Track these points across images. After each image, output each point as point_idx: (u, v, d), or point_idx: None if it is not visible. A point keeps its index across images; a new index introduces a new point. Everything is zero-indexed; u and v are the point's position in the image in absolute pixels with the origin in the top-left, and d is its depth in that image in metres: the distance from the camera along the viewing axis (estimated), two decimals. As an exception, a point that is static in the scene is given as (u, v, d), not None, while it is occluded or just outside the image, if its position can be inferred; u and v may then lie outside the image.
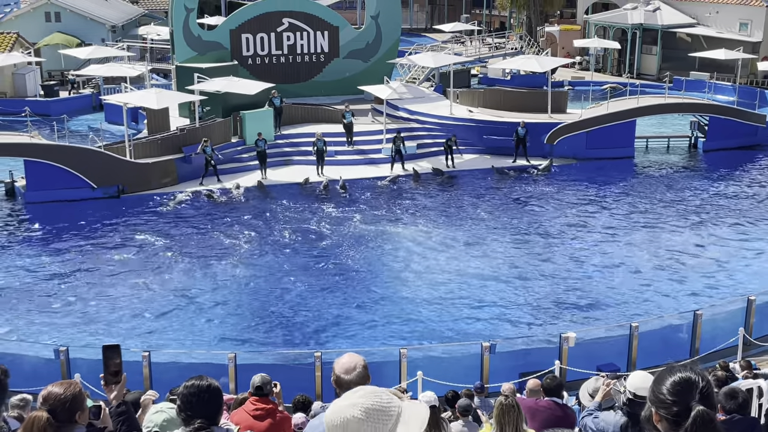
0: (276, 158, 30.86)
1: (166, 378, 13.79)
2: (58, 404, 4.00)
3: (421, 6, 73.89)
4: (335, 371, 4.56)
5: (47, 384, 4.41)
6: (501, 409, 6.76)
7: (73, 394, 4.07)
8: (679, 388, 3.10)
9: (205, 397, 4.37)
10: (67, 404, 4.02)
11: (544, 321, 19.50)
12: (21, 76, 40.88)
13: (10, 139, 28.05)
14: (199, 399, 4.36)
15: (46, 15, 47.35)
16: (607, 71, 51.44)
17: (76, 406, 4.06)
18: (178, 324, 19.23)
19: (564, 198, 28.74)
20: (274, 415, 7.60)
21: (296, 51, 36.85)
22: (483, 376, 15.53)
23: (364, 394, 2.81)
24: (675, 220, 26.66)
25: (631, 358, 16.46)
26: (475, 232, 25.32)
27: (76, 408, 4.06)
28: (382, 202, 28.14)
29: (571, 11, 60.04)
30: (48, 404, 4.01)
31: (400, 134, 30.85)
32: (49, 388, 4.09)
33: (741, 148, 34.49)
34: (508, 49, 47.34)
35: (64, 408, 4.00)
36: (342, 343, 18.14)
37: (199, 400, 4.35)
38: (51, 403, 4.01)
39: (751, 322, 17.52)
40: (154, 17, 55.17)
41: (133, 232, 25.06)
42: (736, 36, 47.07)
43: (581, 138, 32.90)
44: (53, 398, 4.03)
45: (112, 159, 27.94)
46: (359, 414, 2.73)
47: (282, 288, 21.24)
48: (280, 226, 25.67)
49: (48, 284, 21.39)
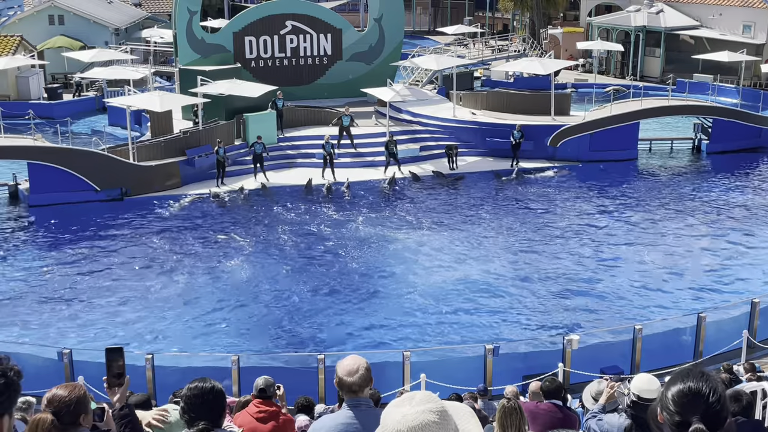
0: (279, 161, 30.88)
1: (169, 381, 13.79)
2: (62, 407, 4.00)
3: (424, 8, 73.95)
4: (338, 374, 4.56)
5: (50, 387, 4.41)
6: (503, 412, 6.75)
7: (77, 396, 4.07)
8: (685, 400, 2.92)
9: (209, 399, 4.38)
10: (72, 407, 4.02)
11: (547, 323, 19.47)
12: (24, 78, 40.95)
13: (13, 142, 28.10)
14: (202, 401, 4.37)
15: (49, 18, 47.42)
16: (611, 73, 51.43)
17: (80, 409, 4.06)
18: (182, 327, 19.23)
19: (567, 200, 28.71)
20: (277, 418, 7.60)
21: (299, 53, 36.88)
22: (486, 379, 15.51)
23: (426, 399, 2.84)
24: (678, 222, 26.63)
25: (634, 361, 16.44)
26: (477, 235, 25.30)
27: (81, 411, 4.06)
28: (383, 205, 28.13)
29: (574, 13, 60.05)
30: (52, 406, 4.01)
31: (393, 137, 30.93)
32: (54, 390, 4.09)
33: (744, 150, 34.45)
34: (511, 52, 47.31)
35: (69, 410, 4.00)
36: (345, 346, 18.13)
37: (203, 402, 4.37)
38: (55, 405, 4.01)
39: (756, 324, 17.49)
40: (158, 20, 55.25)
41: (137, 235, 25.07)
42: (739, 38, 47.01)
43: (585, 140, 32.89)
44: (58, 400, 4.03)
45: (116, 162, 27.97)
46: (435, 418, 2.77)
47: (285, 290, 21.23)
48: (282, 229, 25.67)
49: (51, 287, 21.40)
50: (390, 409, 2.86)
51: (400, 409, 2.82)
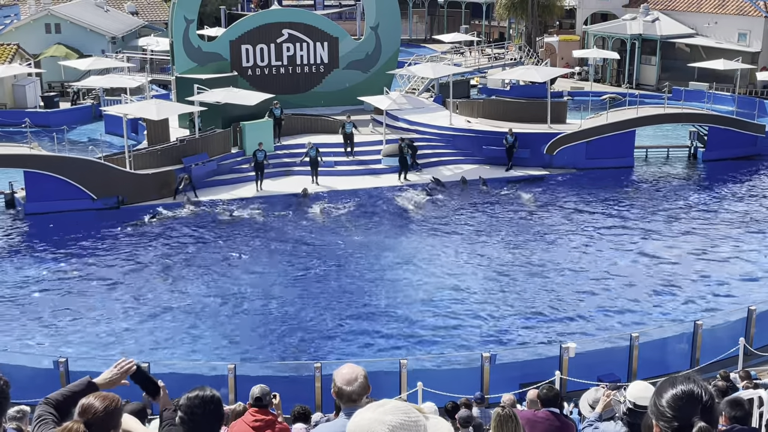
0: (276, 169, 30.91)
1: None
2: (96, 420, 3.91)
3: (420, 17, 74.06)
4: (336, 382, 4.54)
5: (45, 396, 4.37)
6: (498, 420, 6.74)
7: (112, 410, 3.98)
8: (681, 403, 2.97)
9: (210, 408, 4.37)
10: (104, 420, 3.93)
11: (544, 331, 19.46)
12: (21, 87, 40.95)
13: (10, 151, 28.08)
14: (204, 411, 4.34)
15: (46, 26, 47.42)
16: (607, 81, 51.55)
17: (111, 423, 3.97)
18: (178, 335, 19.20)
19: (564, 208, 28.73)
20: (273, 426, 7.58)
21: (296, 62, 36.92)
22: (483, 387, 15.50)
23: (392, 409, 2.72)
24: (674, 229, 26.66)
25: (631, 369, 16.44)
26: (472, 243, 25.30)
27: (111, 425, 3.98)
28: (382, 212, 28.13)
29: (570, 22, 60.20)
30: (86, 416, 3.92)
31: (410, 142, 31.04)
32: (90, 399, 3.97)
33: (740, 158, 34.51)
34: (508, 60, 47.42)
35: (101, 424, 3.90)
36: (341, 354, 18.10)
37: (204, 412, 4.34)
38: (89, 416, 3.92)
39: (752, 332, 17.50)
40: (154, 28, 55.27)
41: (133, 244, 25.04)
42: (735, 46, 47.18)
43: (581, 148, 32.94)
44: (92, 412, 3.93)
45: (112, 170, 27.95)
46: (386, 431, 2.66)
47: (281, 299, 21.21)
48: (277, 237, 25.67)
49: (47, 295, 21.36)
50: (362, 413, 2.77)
51: (364, 413, 2.74)
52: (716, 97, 42.35)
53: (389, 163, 31.45)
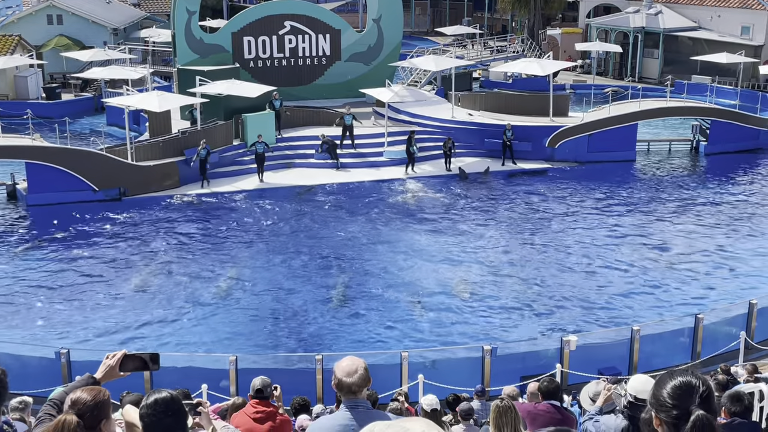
0: (277, 161, 30.90)
1: (167, 381, 13.75)
2: (85, 410, 3.99)
3: (422, 9, 73.92)
4: (336, 374, 4.56)
5: (48, 387, 4.41)
6: (497, 412, 6.75)
7: (101, 401, 4.07)
8: (680, 393, 3.10)
9: (175, 409, 4.10)
10: (95, 411, 4.01)
11: (545, 324, 19.48)
12: (23, 78, 40.93)
13: (11, 142, 28.09)
14: (166, 414, 4.07)
15: (48, 18, 47.33)
16: (609, 75, 51.45)
17: (102, 414, 4.05)
18: (180, 327, 19.23)
19: (566, 201, 28.72)
20: (274, 418, 7.61)
21: (298, 54, 36.87)
22: (484, 380, 15.52)
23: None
24: (676, 223, 26.64)
25: (632, 362, 16.45)
26: (475, 236, 25.30)
27: (102, 416, 4.04)
28: (382, 206, 28.13)
29: (572, 14, 60.03)
30: (76, 408, 4.00)
31: (412, 134, 31.08)
32: (78, 393, 4.08)
33: (742, 151, 34.48)
34: (510, 53, 47.28)
35: (92, 415, 3.99)
36: (343, 346, 18.12)
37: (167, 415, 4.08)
38: (79, 408, 4.00)
39: (753, 325, 17.51)
40: (156, 20, 55.22)
41: (135, 235, 25.06)
42: (737, 40, 47.04)
43: (583, 141, 32.90)
44: (81, 403, 4.01)
45: (114, 162, 27.95)
46: None
47: (283, 292, 21.23)
48: (278, 229, 25.69)
49: (49, 287, 21.38)
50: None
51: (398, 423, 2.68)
52: (719, 91, 42.19)
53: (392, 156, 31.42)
